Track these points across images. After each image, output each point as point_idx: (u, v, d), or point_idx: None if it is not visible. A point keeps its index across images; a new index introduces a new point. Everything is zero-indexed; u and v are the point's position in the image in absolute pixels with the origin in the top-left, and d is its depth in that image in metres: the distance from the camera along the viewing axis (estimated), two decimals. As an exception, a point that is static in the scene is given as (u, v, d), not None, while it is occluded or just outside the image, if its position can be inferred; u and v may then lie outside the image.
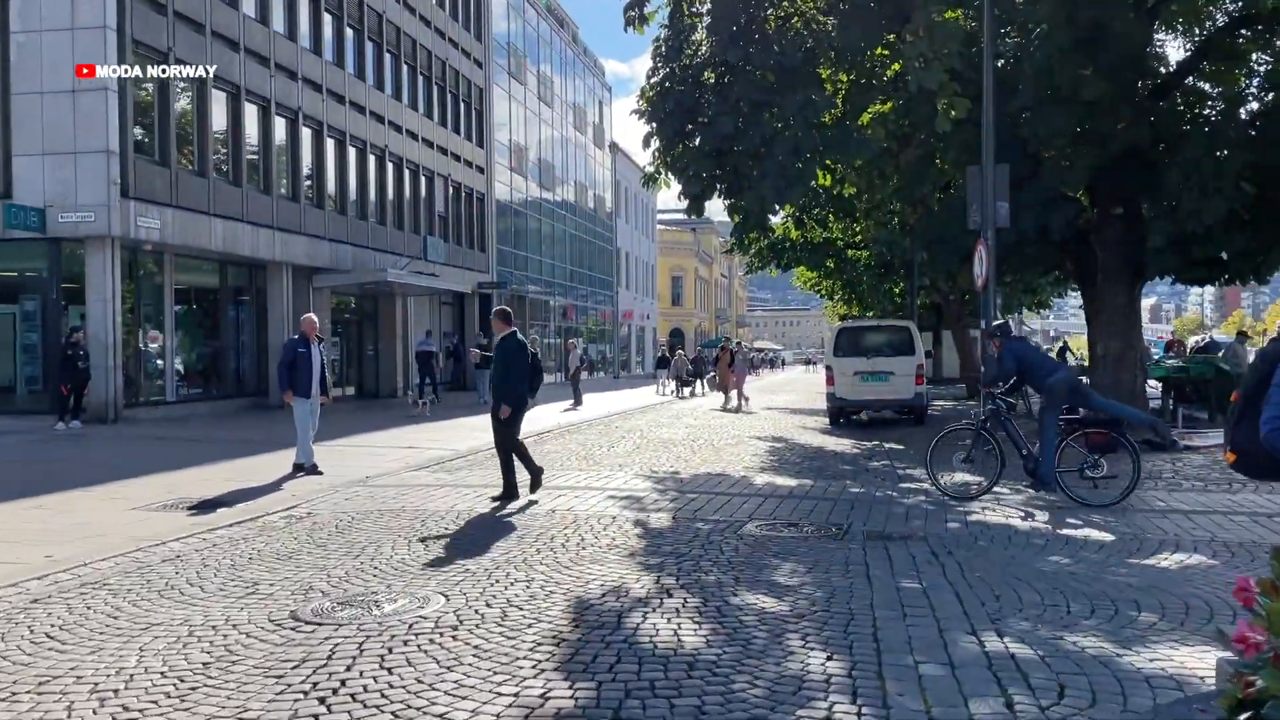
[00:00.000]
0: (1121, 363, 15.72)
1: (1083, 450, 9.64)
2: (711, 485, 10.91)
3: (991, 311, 12.87)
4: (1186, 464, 12.35)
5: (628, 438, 17.02)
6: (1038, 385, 10.13)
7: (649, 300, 70.44)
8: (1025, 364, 10.05)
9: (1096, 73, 14.01)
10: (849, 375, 18.72)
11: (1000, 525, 8.34)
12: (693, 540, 7.70)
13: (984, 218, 12.49)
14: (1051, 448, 9.72)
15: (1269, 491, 10.09)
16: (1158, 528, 8.13)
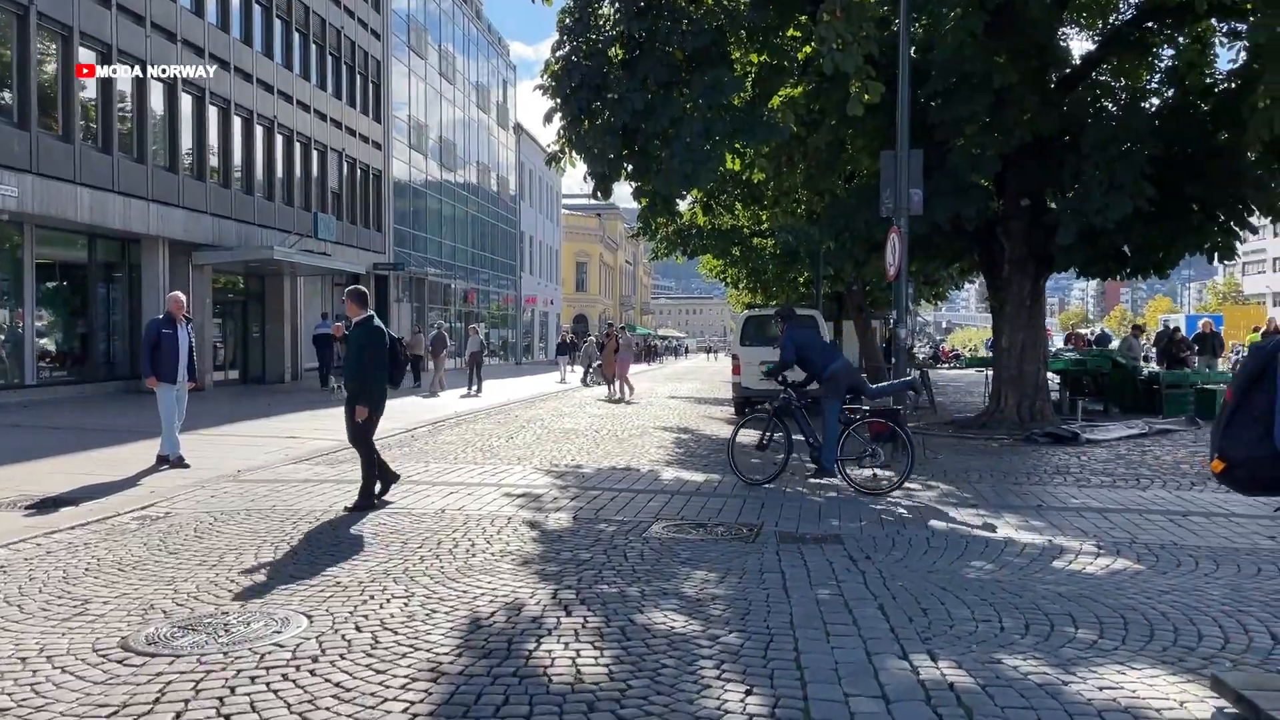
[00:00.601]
0: (1026, 354, 15.69)
1: (864, 440, 9.82)
2: (615, 481, 10.30)
3: (904, 302, 12.56)
4: (1091, 458, 12.25)
5: (528, 428, 16.29)
6: (817, 374, 10.11)
7: (553, 285, 69.49)
8: (804, 352, 10.04)
9: (1007, 60, 13.83)
10: (755, 365, 18.31)
11: (917, 524, 7.92)
12: (595, 544, 7.07)
13: (897, 205, 12.14)
14: (834, 437, 9.78)
15: (1178, 488, 9.97)
16: (1075, 528, 7.82)
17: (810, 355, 10.10)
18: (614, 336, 25.65)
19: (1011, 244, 15.61)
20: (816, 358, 10.09)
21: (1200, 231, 14.11)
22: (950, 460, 12.00)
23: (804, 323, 10.89)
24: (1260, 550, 7.02)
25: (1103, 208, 13.03)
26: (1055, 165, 14.93)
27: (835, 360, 10.11)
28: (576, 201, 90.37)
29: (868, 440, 9.88)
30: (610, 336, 25.95)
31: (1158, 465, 11.61)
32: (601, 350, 25.96)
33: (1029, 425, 15.13)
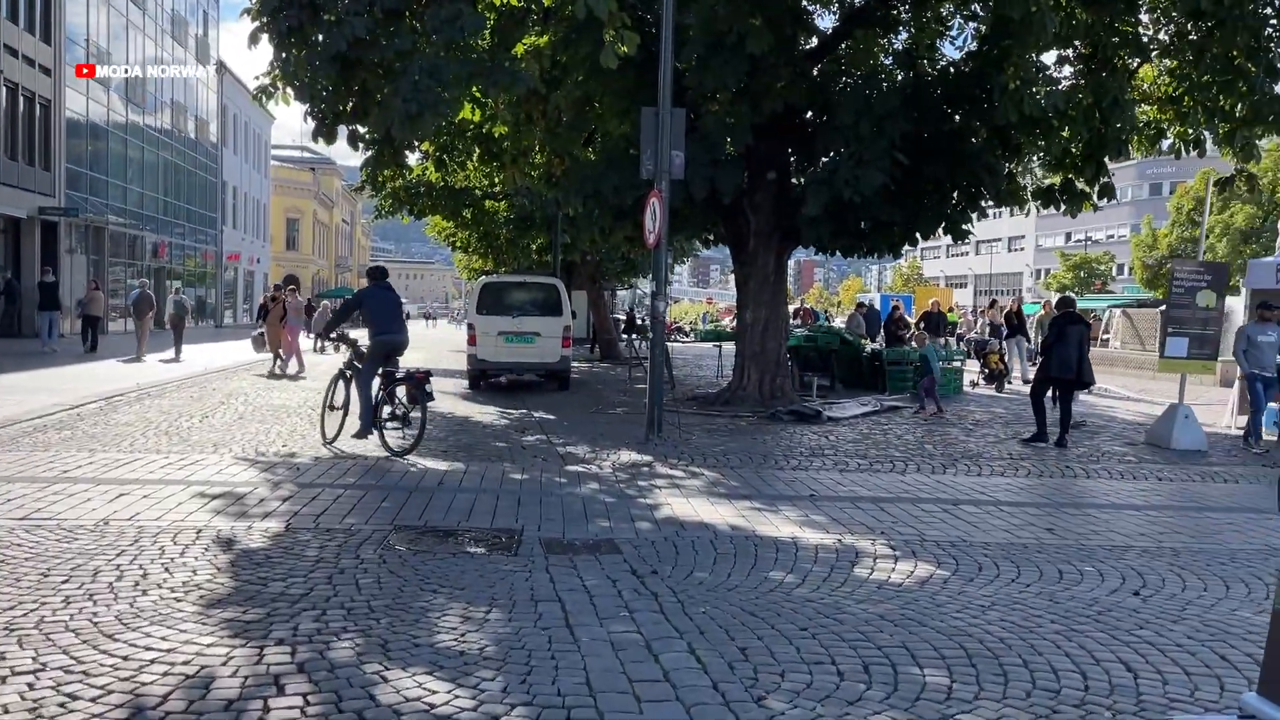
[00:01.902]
0: (769, 331, 15.42)
1: (402, 402, 10.03)
2: (339, 472, 8.69)
3: (663, 272, 11.71)
4: (840, 438, 12.02)
5: (228, 404, 14.07)
6: (373, 336, 10.36)
7: (260, 242, 64.07)
8: (366, 315, 10.22)
9: (763, 24, 13.27)
10: (492, 335, 17.00)
11: (695, 524, 7.01)
12: (315, 568, 5.56)
13: (658, 167, 11.24)
14: (369, 400, 10.07)
15: (932, 471, 9.78)
16: (859, 523, 7.22)
17: (374, 318, 10.19)
18: (280, 299, 20.79)
19: (758, 217, 15.24)
20: (378, 320, 10.20)
21: (938, 211, 14.32)
22: (705, 441, 11.33)
23: (386, 287, 10.58)
24: (1046, 546, 6.68)
25: (853, 179, 12.80)
26: (804, 138, 14.67)
27: (385, 332, 10.21)
28: (288, 153, 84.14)
29: (403, 404, 10.05)
30: (277, 300, 20.87)
31: (903, 445, 11.52)
32: (265, 315, 20.83)
33: (771, 402, 14.88)
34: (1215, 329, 12.31)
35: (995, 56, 13.52)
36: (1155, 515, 7.89)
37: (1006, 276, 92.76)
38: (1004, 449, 11.51)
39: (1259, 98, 12.89)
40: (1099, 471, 10.11)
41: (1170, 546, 6.75)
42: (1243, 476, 10.04)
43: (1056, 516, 7.74)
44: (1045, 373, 12.41)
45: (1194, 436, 11.92)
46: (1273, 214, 47.58)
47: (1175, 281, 12.26)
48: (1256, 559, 6.46)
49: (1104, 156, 14.35)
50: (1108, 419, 15.10)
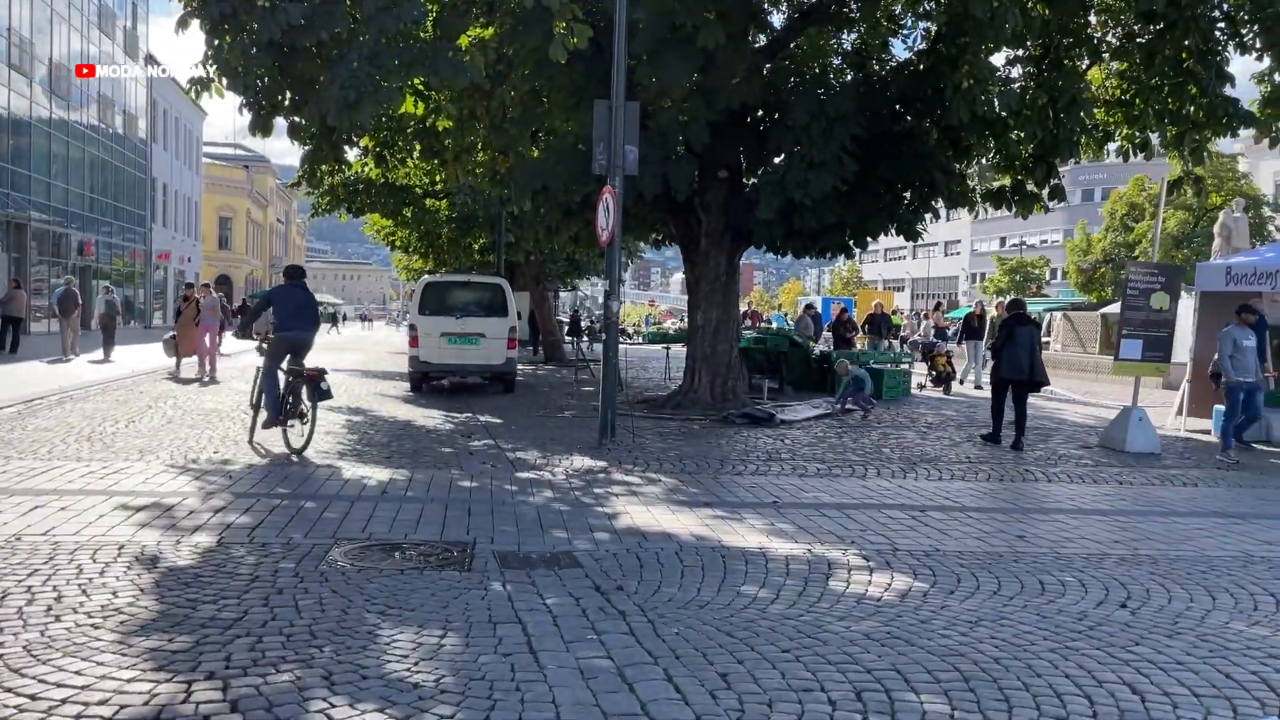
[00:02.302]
0: (720, 332, 15.15)
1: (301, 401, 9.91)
2: (276, 480, 8.17)
3: (616, 270, 11.34)
4: (795, 442, 11.76)
5: (157, 407, 13.37)
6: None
7: (191, 241, 62.28)
8: (275, 310, 10.27)
9: (716, 18, 12.99)
10: (435, 336, 16.48)
11: (658, 534, 6.66)
12: (250, 588, 5.09)
13: (611, 163, 10.87)
14: (271, 391, 10.01)
15: (893, 475, 9.55)
16: (827, 531, 6.93)
17: (279, 314, 10.17)
18: (193, 298, 19.26)
19: (709, 217, 14.96)
20: (281, 318, 10.16)
21: (890, 212, 14.17)
22: (659, 445, 10.97)
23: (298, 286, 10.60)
24: (1021, 554, 6.45)
25: (804, 182, 12.58)
26: (756, 137, 14.43)
27: (286, 329, 10.13)
28: (221, 150, 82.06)
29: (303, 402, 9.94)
30: (189, 299, 19.34)
31: (860, 449, 11.30)
32: (179, 316, 19.41)
33: (723, 405, 14.60)
34: (1168, 331, 12.30)
35: (949, 56, 13.41)
36: (1125, 520, 7.72)
37: (943, 280, 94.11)
38: (961, 452, 11.35)
39: (1210, 100, 12.94)
40: (1059, 475, 9.97)
41: (1147, 554, 6.56)
42: (1200, 480, 9.98)
43: (1026, 523, 7.53)
44: (998, 375, 12.38)
45: (1148, 439, 11.89)
46: (1204, 219, 48.79)
47: (1130, 284, 12.22)
48: (1235, 567, 6.29)
49: (1055, 158, 14.33)
50: (1058, 421, 15.08)
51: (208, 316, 19.06)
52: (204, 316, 18.94)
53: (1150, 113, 13.85)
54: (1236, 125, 12.89)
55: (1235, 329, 11.55)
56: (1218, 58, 13.13)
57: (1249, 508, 8.53)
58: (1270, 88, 13.32)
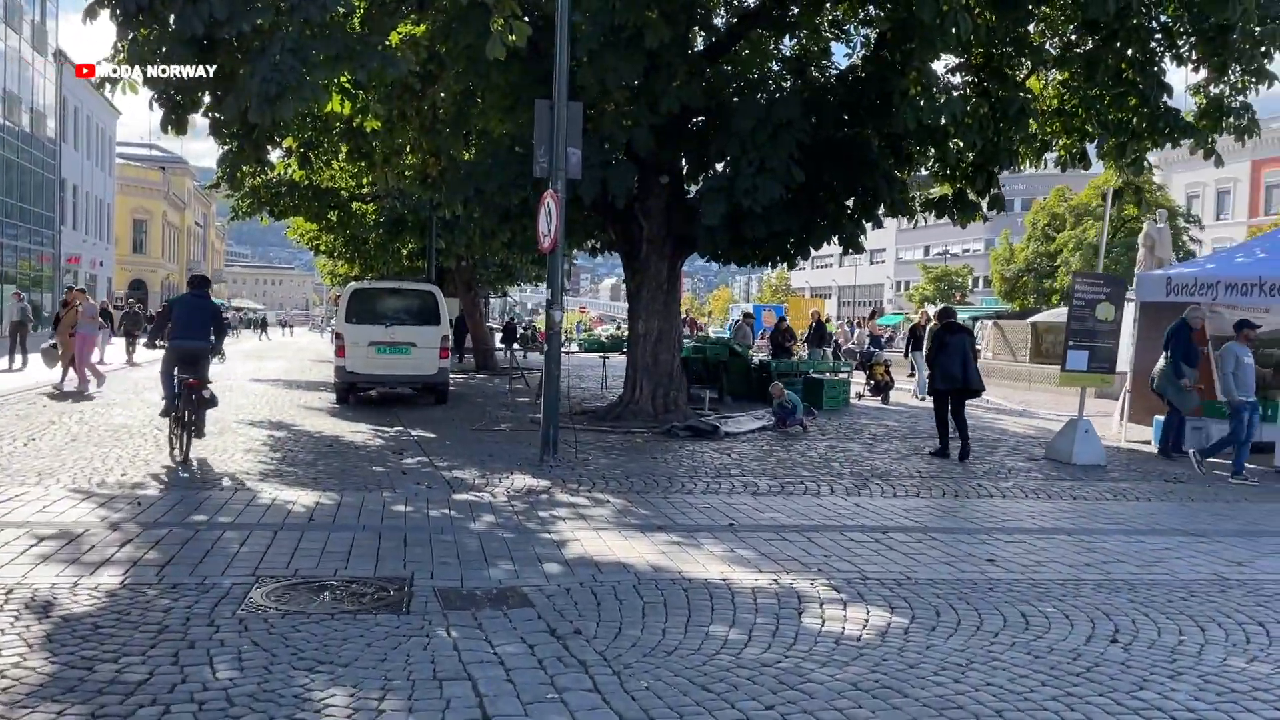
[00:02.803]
0: (662, 342, 14.73)
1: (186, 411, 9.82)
2: (190, 507, 7.49)
3: (559, 278, 10.82)
4: (742, 456, 11.39)
5: (60, 423, 12.46)
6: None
7: (103, 245, 59.87)
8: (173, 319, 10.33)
9: (660, 18, 12.59)
10: (363, 346, 15.75)
11: (612, 565, 6.18)
12: (158, 640, 4.49)
13: (553, 166, 10.37)
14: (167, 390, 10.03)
15: (847, 493, 9.22)
16: (790, 558, 6.53)
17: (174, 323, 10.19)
18: (73, 304, 17.85)
19: (650, 223, 14.54)
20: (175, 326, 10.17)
21: (834, 221, 13.92)
22: (603, 462, 10.49)
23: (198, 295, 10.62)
24: (995, 582, 6.12)
25: (751, 189, 12.23)
26: (698, 142, 14.06)
27: (176, 337, 10.11)
28: (136, 151, 79.21)
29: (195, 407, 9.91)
30: (68, 304, 18.07)
31: (809, 464, 10.96)
32: (57, 323, 18.21)
33: (665, 417, 14.19)
34: (1114, 342, 12.23)
35: (894, 62, 13.22)
36: (1090, 541, 7.48)
37: (869, 288, 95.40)
38: (911, 466, 11.09)
39: (1152, 111, 12.94)
40: (1013, 491, 9.75)
41: (1121, 578, 6.29)
42: (1152, 494, 9.85)
43: (991, 544, 7.23)
44: (934, 385, 12.26)
45: (1094, 451, 11.79)
46: (1121, 231, 50.07)
47: (1076, 294, 12.12)
48: (1214, 593, 6.05)
49: (995, 167, 14.24)
50: (999, 432, 14.99)
51: (85, 325, 17.38)
52: (81, 324, 17.26)
53: (1092, 123, 13.83)
54: (1178, 136, 12.91)
55: (1236, 346, 11.10)
56: (1156, 68, 13.17)
57: (1207, 524, 8.38)
58: (1206, 100, 13.38)
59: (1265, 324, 14.18)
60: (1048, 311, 30.48)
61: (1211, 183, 55.71)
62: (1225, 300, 12.66)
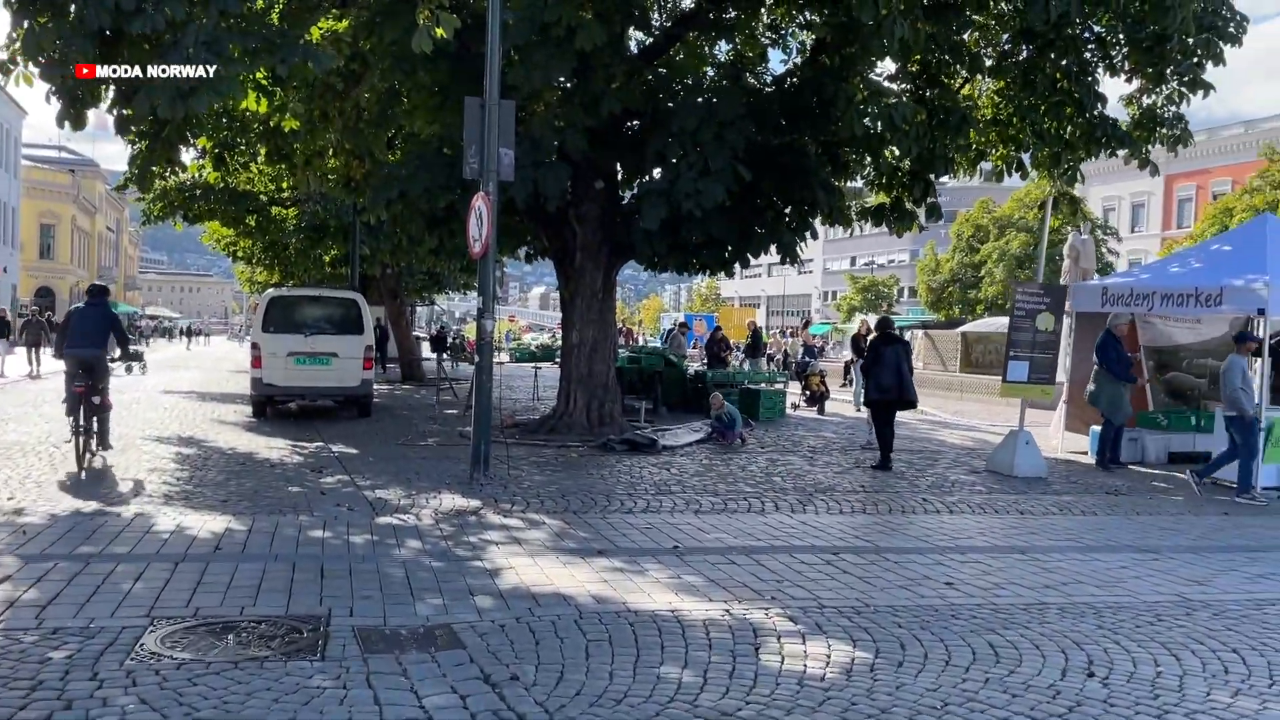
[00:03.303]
0: (597, 352, 14.27)
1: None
2: (80, 536, 6.79)
3: (491, 285, 10.29)
4: (681, 471, 10.98)
5: (-54, 441, 11.52)
6: None
7: (8, 250, 57.27)
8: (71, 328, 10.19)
9: (594, 18, 12.15)
10: (281, 356, 14.98)
11: (551, 596, 5.70)
12: (28, 702, 3.88)
13: (484, 166, 9.85)
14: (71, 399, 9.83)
15: (791, 510, 8.87)
16: (740, 584, 6.12)
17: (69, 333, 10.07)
18: None
19: (585, 229, 14.08)
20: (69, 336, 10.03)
21: (774, 229, 13.61)
22: (538, 479, 9.98)
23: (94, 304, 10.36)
24: (958, 609, 5.79)
25: (694, 191, 11.84)
26: (635, 146, 13.65)
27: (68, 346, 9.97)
28: (44, 153, 76.11)
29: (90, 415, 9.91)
30: None
31: (751, 478, 10.61)
32: None
33: (600, 430, 13.73)
34: (1054, 353, 12.13)
35: (834, 68, 12.99)
36: (1045, 560, 7.21)
37: (797, 298, 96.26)
38: (854, 480, 10.80)
39: (1089, 120, 12.92)
40: (958, 506, 9.50)
41: (1084, 602, 6.01)
42: (1096, 508, 9.69)
43: (947, 565, 6.92)
44: (868, 396, 12.13)
45: (1035, 463, 11.65)
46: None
47: (1017, 304, 11.99)
48: (1180, 615, 5.79)
49: (932, 174, 14.11)
50: (938, 443, 14.85)
51: None
52: None
53: (1027, 132, 13.77)
54: (1115, 146, 12.91)
55: (1238, 358, 10.58)
56: (1090, 78, 13.17)
57: (1157, 539, 8.20)
58: (1138, 110, 13.43)
59: (1197, 335, 14.38)
60: (977, 321, 30.78)
61: (1127, 196, 57.29)
62: (1160, 310, 12.68)
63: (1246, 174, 45.52)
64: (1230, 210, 39.16)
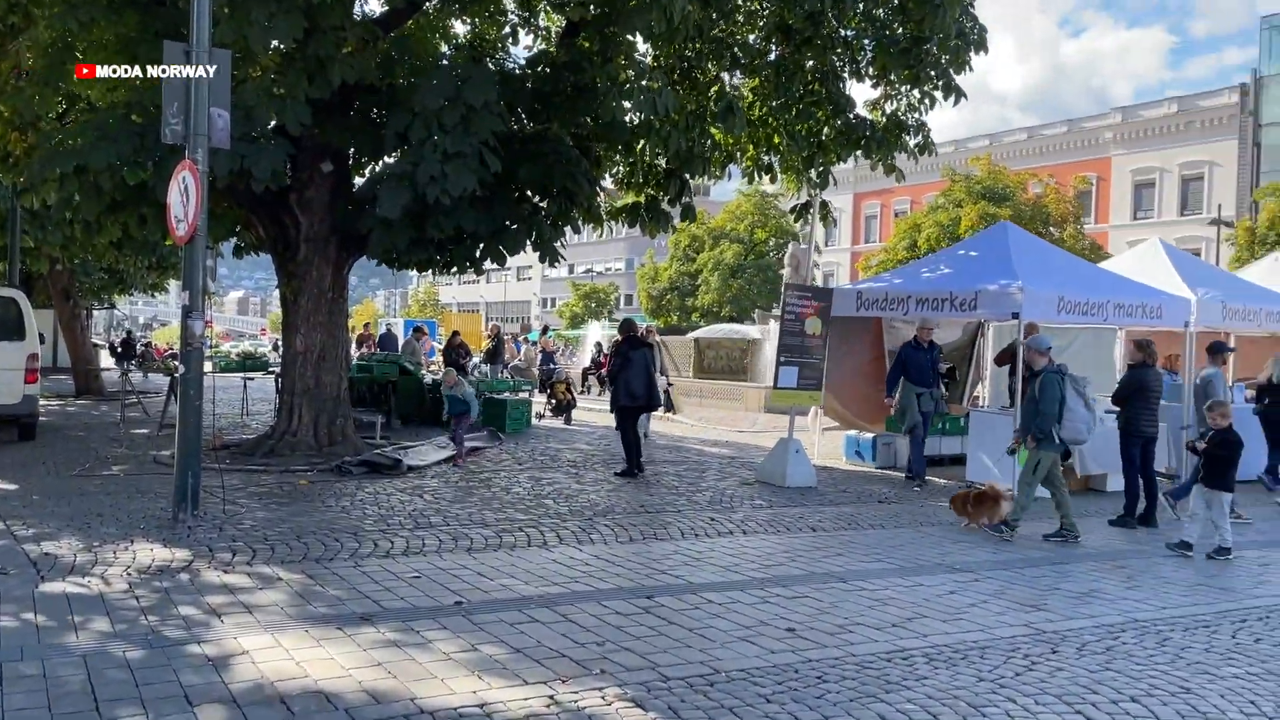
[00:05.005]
0: (326, 360, 12.40)
1: None
2: None
3: (200, 277, 8.27)
4: (437, 496, 9.50)
5: None
6: None
7: None
8: None
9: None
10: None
11: (306, 694, 4.15)
12: None
13: (191, 130, 7.90)
14: None
15: (578, 541, 7.69)
16: (551, 651, 4.87)
17: None
18: None
19: (310, 218, 12.18)
20: None
21: (529, 224, 12.37)
22: (262, 516, 8.12)
23: None
24: (820, 666, 4.86)
25: (440, 176, 10.37)
26: (371, 125, 11.96)
27: None
28: None
29: None
30: None
31: (518, 501, 9.33)
32: None
33: (331, 450, 11.91)
34: (821, 357, 11.77)
35: (593, 51, 11.99)
36: (869, 587, 6.50)
37: (517, 305, 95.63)
38: (630, 498, 9.81)
39: (845, 122, 12.75)
40: (748, 525, 8.71)
41: (943, 644, 5.28)
42: (881, 520, 9.29)
43: (774, 603, 6.00)
44: (616, 402, 11.50)
45: (805, 473, 11.21)
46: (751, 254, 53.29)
47: (787, 307, 11.52)
48: (1047, 654, 5.19)
49: (688, 173, 13.47)
50: (697, 453, 14.24)
51: None
52: None
53: (782, 133, 13.46)
54: (873, 149, 12.82)
55: (1217, 371, 10.62)
56: (841, 81, 13.05)
57: (962, 555, 7.80)
58: (883, 117, 13.46)
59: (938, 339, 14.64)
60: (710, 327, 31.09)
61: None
62: (916, 314, 12.67)
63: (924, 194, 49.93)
64: (919, 226, 42.47)
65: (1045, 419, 8.46)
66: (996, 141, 53.27)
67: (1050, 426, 8.46)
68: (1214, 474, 8.06)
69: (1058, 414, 8.50)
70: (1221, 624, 5.92)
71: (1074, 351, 15.21)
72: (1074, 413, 8.57)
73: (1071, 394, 8.61)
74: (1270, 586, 7.00)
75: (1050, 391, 8.49)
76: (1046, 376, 8.61)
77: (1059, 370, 8.76)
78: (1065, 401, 8.53)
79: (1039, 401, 8.52)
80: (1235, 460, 8.10)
